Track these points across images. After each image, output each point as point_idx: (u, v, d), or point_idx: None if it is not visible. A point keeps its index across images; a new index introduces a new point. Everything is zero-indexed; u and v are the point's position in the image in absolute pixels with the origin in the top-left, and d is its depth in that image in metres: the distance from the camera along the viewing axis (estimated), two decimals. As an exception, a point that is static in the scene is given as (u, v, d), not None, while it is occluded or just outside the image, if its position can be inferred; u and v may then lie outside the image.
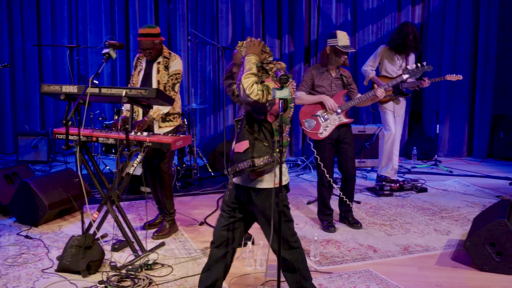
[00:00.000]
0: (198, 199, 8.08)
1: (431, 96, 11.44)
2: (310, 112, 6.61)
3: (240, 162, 4.14)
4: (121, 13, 11.04)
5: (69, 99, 5.55)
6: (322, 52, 6.59)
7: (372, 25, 11.29)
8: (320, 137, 6.54)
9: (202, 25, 11.00)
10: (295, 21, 11.17)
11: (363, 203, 7.80)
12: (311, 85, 6.59)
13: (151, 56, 6.25)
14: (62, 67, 11.19)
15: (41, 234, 6.52)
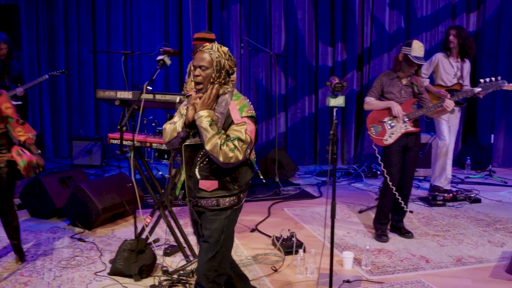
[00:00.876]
0: (249, 206, 8.07)
1: (486, 105, 11.26)
2: (378, 118, 6.52)
3: (204, 199, 3.91)
4: (175, 20, 11.15)
5: (124, 105, 5.61)
6: (395, 58, 6.53)
7: (426, 33, 11.18)
8: (385, 143, 6.45)
9: (255, 32, 11.02)
10: (348, 29, 11.13)
11: (415, 212, 7.70)
12: (380, 91, 6.51)
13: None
14: (116, 73, 11.34)
15: (94, 238, 6.60)
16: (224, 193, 3.83)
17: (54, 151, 11.56)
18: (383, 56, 11.09)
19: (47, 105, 11.37)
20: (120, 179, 7.49)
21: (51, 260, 5.88)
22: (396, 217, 6.76)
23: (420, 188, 9.23)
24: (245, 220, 7.26)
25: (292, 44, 11.06)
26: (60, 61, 11.23)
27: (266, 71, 11.17)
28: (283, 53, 10.96)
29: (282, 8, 11.04)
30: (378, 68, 11.01)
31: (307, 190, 9.01)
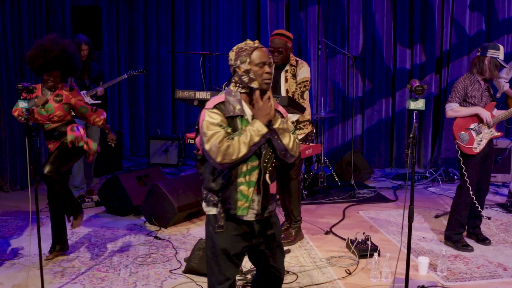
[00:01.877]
0: (324, 208, 8.06)
1: None
2: (464, 126, 6.31)
3: (271, 204, 3.84)
4: (253, 21, 11.21)
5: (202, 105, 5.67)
6: (477, 62, 6.28)
7: (507, 35, 10.93)
8: (475, 152, 6.25)
9: (333, 34, 10.98)
10: (427, 31, 10.97)
11: (493, 219, 7.53)
12: (464, 95, 6.27)
13: (281, 57, 6.22)
14: (193, 73, 11.47)
15: (170, 236, 6.69)
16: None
17: (131, 150, 11.78)
18: (462, 59, 10.89)
19: (125, 105, 11.60)
20: (196, 178, 7.57)
21: (127, 257, 6.00)
22: (473, 224, 6.63)
23: (499, 194, 9.02)
24: (320, 222, 7.25)
25: (370, 46, 10.98)
26: (139, 61, 11.44)
27: (343, 73, 11.12)
28: (361, 55, 10.89)
29: (361, 10, 10.97)
30: (458, 71, 10.81)
31: (382, 194, 8.93)
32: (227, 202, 3.66)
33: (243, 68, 3.64)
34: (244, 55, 3.66)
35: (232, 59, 3.70)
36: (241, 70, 3.65)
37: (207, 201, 3.75)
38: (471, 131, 6.28)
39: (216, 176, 3.68)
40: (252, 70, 3.64)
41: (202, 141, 3.58)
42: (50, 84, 5.70)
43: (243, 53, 3.67)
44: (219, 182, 3.67)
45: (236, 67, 3.67)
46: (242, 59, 3.65)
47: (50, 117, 5.69)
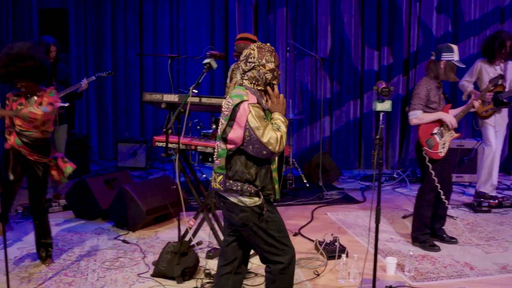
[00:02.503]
0: (292, 209, 8.07)
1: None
2: (429, 131, 6.34)
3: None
4: (221, 24, 11.20)
5: (170, 108, 5.66)
6: (433, 66, 6.35)
7: (474, 37, 11.04)
8: (441, 155, 6.31)
9: (301, 36, 11.01)
10: (395, 33, 11.04)
11: (460, 219, 7.61)
12: (426, 101, 6.29)
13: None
14: (162, 76, 11.43)
15: (138, 239, 6.66)
16: None
17: (99, 153, 11.70)
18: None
19: (93, 108, 11.52)
20: (164, 181, 7.55)
21: (95, 261, 5.96)
22: (438, 225, 6.68)
23: (465, 194, 9.10)
24: (288, 224, 7.24)
25: (338, 48, 11.03)
26: (107, 63, 11.36)
27: (312, 75, 11.15)
28: (329, 57, 10.93)
29: (329, 12, 11.01)
30: (425, 73, 10.88)
31: (350, 195, 8.97)
32: (267, 189, 4.01)
33: (269, 66, 4.00)
34: (270, 55, 4.02)
35: (254, 56, 3.99)
36: (265, 69, 3.99)
37: (243, 193, 3.96)
38: (435, 136, 6.34)
39: (250, 167, 3.95)
40: (275, 70, 4.02)
41: (251, 134, 3.85)
42: (24, 90, 5.60)
43: (268, 53, 4.02)
44: (253, 172, 3.96)
45: (260, 65, 3.99)
46: (268, 58, 4.01)
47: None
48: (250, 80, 4.03)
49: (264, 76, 4.00)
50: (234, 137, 3.92)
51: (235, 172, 3.97)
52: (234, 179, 3.97)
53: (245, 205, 3.98)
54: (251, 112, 3.85)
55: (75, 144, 9.72)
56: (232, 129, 3.93)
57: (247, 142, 3.88)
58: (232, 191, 3.98)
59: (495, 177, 8.35)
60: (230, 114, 3.95)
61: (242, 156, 3.97)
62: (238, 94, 3.97)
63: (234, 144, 3.95)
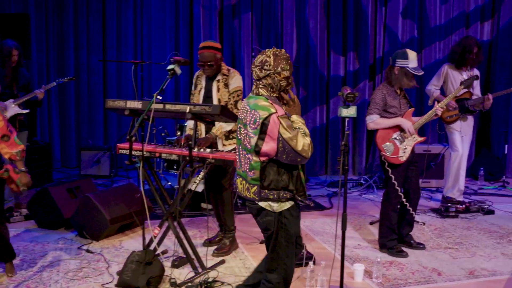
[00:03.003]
0: (259, 217, 8.06)
1: (499, 115, 11.22)
2: (387, 136, 6.40)
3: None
4: (186, 29, 11.16)
5: (133, 115, 5.62)
6: (389, 72, 6.40)
7: (439, 42, 11.17)
8: (402, 160, 6.35)
9: (266, 41, 11.03)
10: (361, 38, 11.12)
11: (427, 224, 7.67)
12: (383, 106, 6.34)
13: (211, 70, 6.23)
14: (126, 82, 11.36)
15: (102, 249, 6.60)
16: None
17: (62, 161, 11.58)
18: (395, 65, 11.07)
19: (55, 114, 11.39)
20: (128, 189, 7.50)
21: (58, 272, 5.89)
22: (405, 231, 6.72)
23: (433, 199, 9.20)
24: (255, 232, 7.25)
25: (303, 54, 11.07)
26: (70, 69, 11.25)
27: (277, 81, 11.15)
28: (295, 62, 10.96)
29: (294, 18, 11.05)
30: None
31: (317, 201, 8.98)
32: (299, 192, 4.17)
33: (285, 74, 4.10)
34: (285, 63, 4.11)
35: (270, 64, 4.08)
36: (281, 76, 4.10)
37: (280, 199, 4.11)
38: (394, 141, 6.39)
39: (282, 174, 4.09)
40: (289, 77, 4.14)
41: (285, 145, 3.96)
42: None
43: (283, 61, 4.12)
44: (286, 178, 4.10)
45: (276, 73, 4.09)
46: (284, 67, 4.11)
47: None
48: (265, 87, 4.15)
49: (279, 83, 4.12)
50: (267, 149, 4.02)
51: (270, 181, 4.10)
52: (270, 188, 4.11)
53: (272, 210, 4.13)
54: (282, 124, 3.96)
55: (37, 152, 9.62)
56: (264, 142, 4.03)
57: (281, 153, 4.01)
58: (268, 199, 4.13)
59: (462, 182, 8.43)
60: (260, 128, 4.03)
61: (275, 165, 4.09)
62: (263, 106, 4.05)
63: (267, 156, 4.06)
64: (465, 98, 8.09)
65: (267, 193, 4.10)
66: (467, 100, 8.08)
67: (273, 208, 4.12)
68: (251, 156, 4.14)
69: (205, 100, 6.34)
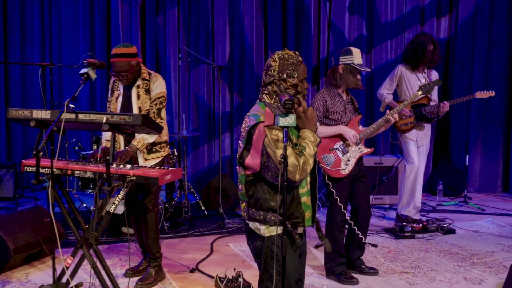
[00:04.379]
0: (189, 241, 8.07)
1: (459, 122, 11.44)
2: (327, 146, 6.44)
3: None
4: (102, 26, 11.10)
5: (41, 126, 5.56)
6: (333, 72, 6.47)
7: (391, 40, 11.34)
8: (344, 174, 6.42)
9: (195, 41, 11.05)
10: (303, 37, 11.22)
11: (380, 246, 7.77)
12: (323, 112, 6.40)
13: (127, 81, 6.24)
14: (32, 88, 11.22)
15: (4, 283, 6.50)
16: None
17: (-42, 181, 11.40)
18: (342, 67, 11.21)
19: (-51, 126, 11.23)
20: (36, 213, 7.40)
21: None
22: (355, 255, 6.79)
23: (386, 218, 9.33)
24: (184, 259, 7.25)
25: (238, 55, 11.12)
26: (-35, 74, 11.10)
27: (208, 86, 11.20)
28: (228, 65, 11.01)
29: (227, 14, 11.09)
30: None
31: (256, 223, 9.01)
32: (293, 217, 4.11)
33: (291, 82, 4.11)
34: (293, 70, 4.13)
35: (275, 70, 4.11)
36: (287, 84, 4.11)
37: (267, 222, 4.07)
38: (336, 151, 6.45)
39: (273, 194, 4.03)
40: (299, 85, 4.13)
41: (269, 160, 3.92)
42: None
43: (290, 67, 4.14)
44: (278, 199, 3.96)
45: (281, 80, 4.12)
46: (291, 74, 4.12)
47: None
48: (270, 94, 4.17)
49: (286, 91, 4.10)
50: (251, 162, 4.02)
51: (256, 199, 4.09)
52: (256, 207, 4.09)
53: (260, 234, 4.11)
54: (268, 136, 3.93)
55: None
56: (249, 153, 4.03)
57: (265, 169, 3.98)
58: (255, 220, 4.10)
59: (418, 198, 8.55)
60: (246, 137, 4.04)
61: (262, 182, 4.07)
62: (255, 113, 4.06)
63: (252, 170, 4.05)
64: (422, 104, 8.22)
65: (254, 212, 4.10)
66: (424, 106, 8.21)
67: (260, 231, 4.11)
68: (239, 168, 4.17)
69: (124, 108, 6.32)
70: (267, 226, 4.08)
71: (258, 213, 4.08)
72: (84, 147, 9.70)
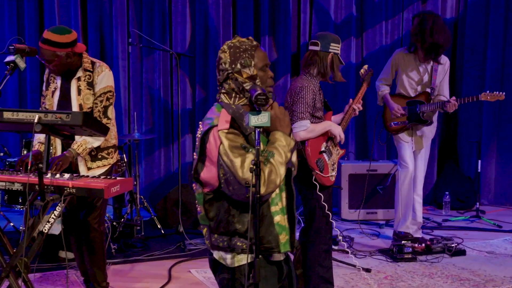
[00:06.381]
0: (142, 267, 8.04)
1: (469, 120, 11.47)
2: (317, 149, 6.39)
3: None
4: (33, 5, 10.99)
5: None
6: (318, 59, 6.41)
7: (386, 21, 11.34)
8: (332, 180, 6.46)
9: (149, 22, 11.00)
10: (279, 18, 11.20)
11: (374, 271, 7.77)
12: (313, 107, 6.32)
13: (59, 69, 6.08)
14: None
15: None
16: None
17: None
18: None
19: None
20: None
21: None
22: None
23: (381, 236, 9.35)
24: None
25: (201, 40, 11.08)
26: None
27: (165, 77, 11.16)
28: (189, 51, 10.98)
29: (187, -11, 11.08)
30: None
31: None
32: (264, 242, 3.97)
33: (247, 73, 4.03)
34: (247, 57, 4.04)
35: (225, 62, 4.01)
36: (243, 76, 4.02)
37: (232, 249, 3.99)
38: (323, 155, 6.45)
39: (238, 215, 3.95)
40: (258, 76, 4.06)
41: (226, 172, 3.82)
42: None
43: (244, 54, 4.04)
44: (245, 221, 3.93)
45: (235, 72, 4.02)
46: (245, 62, 4.03)
47: None
48: (228, 94, 4.08)
49: (243, 86, 4.04)
50: (207, 176, 3.95)
51: (218, 222, 4.00)
52: (219, 232, 4.01)
53: (226, 264, 4.04)
54: (223, 142, 3.84)
55: None
56: (204, 166, 3.96)
57: (224, 183, 3.88)
58: (219, 248, 4.04)
59: (418, 211, 8.55)
60: (200, 146, 3.97)
61: (224, 200, 3.98)
62: (210, 117, 4.00)
63: (210, 187, 3.98)
64: (419, 101, 8.22)
65: (216, 238, 4.03)
66: (421, 104, 8.20)
67: (226, 261, 4.05)
68: (195, 185, 4.10)
69: (62, 105, 6.24)
70: (234, 255, 4.00)
71: (222, 239, 4.01)
72: (11, 153, 9.63)
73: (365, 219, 9.64)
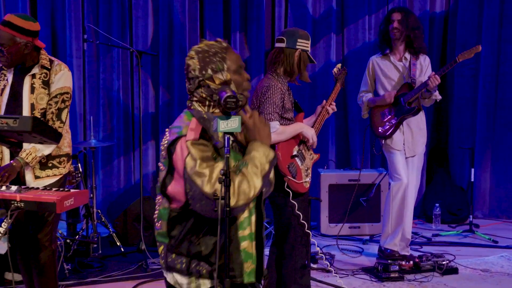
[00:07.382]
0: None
1: (462, 124, 11.49)
2: (289, 153, 6.41)
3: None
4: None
5: None
6: (284, 56, 6.47)
7: (370, 16, 11.36)
8: (307, 187, 6.48)
9: (106, 17, 10.97)
10: (251, 12, 11.19)
11: (358, 292, 7.79)
12: (281, 108, 6.35)
13: (9, 62, 6.01)
14: None
15: None
16: None
17: None
18: (305, 52, 11.22)
19: None
20: None
21: None
22: None
23: (364, 254, 9.33)
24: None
25: (164, 36, 11.05)
26: None
27: (125, 78, 11.11)
28: (151, 49, 10.95)
29: (149, -20, 11.05)
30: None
31: (191, 262, 8.96)
32: (227, 268, 3.85)
33: (220, 78, 4.04)
34: (218, 61, 4.05)
35: (195, 69, 4.02)
36: (216, 82, 4.03)
37: (192, 273, 3.96)
38: (296, 159, 6.46)
39: (203, 235, 3.93)
40: (232, 80, 4.06)
41: (192, 185, 3.78)
42: None
43: (214, 58, 4.05)
44: (209, 243, 3.94)
45: (207, 79, 4.03)
46: (217, 67, 4.05)
47: None
48: (202, 102, 4.08)
49: (227, 87, 4.01)
50: (175, 191, 3.94)
51: (179, 241, 3.96)
52: (178, 252, 3.97)
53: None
54: (191, 152, 3.80)
55: None
56: (173, 179, 3.94)
57: (192, 198, 3.84)
58: (174, 270, 3.99)
59: (408, 227, 8.54)
60: (167, 157, 3.95)
61: (191, 218, 3.94)
62: (178, 126, 3.99)
63: (178, 202, 3.96)
64: (402, 94, 8.21)
65: (174, 259, 4.00)
66: (404, 95, 8.18)
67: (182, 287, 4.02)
68: (161, 198, 4.08)
69: (10, 105, 6.17)
70: (192, 280, 3.98)
71: (180, 260, 3.98)
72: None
73: (347, 234, 9.63)
